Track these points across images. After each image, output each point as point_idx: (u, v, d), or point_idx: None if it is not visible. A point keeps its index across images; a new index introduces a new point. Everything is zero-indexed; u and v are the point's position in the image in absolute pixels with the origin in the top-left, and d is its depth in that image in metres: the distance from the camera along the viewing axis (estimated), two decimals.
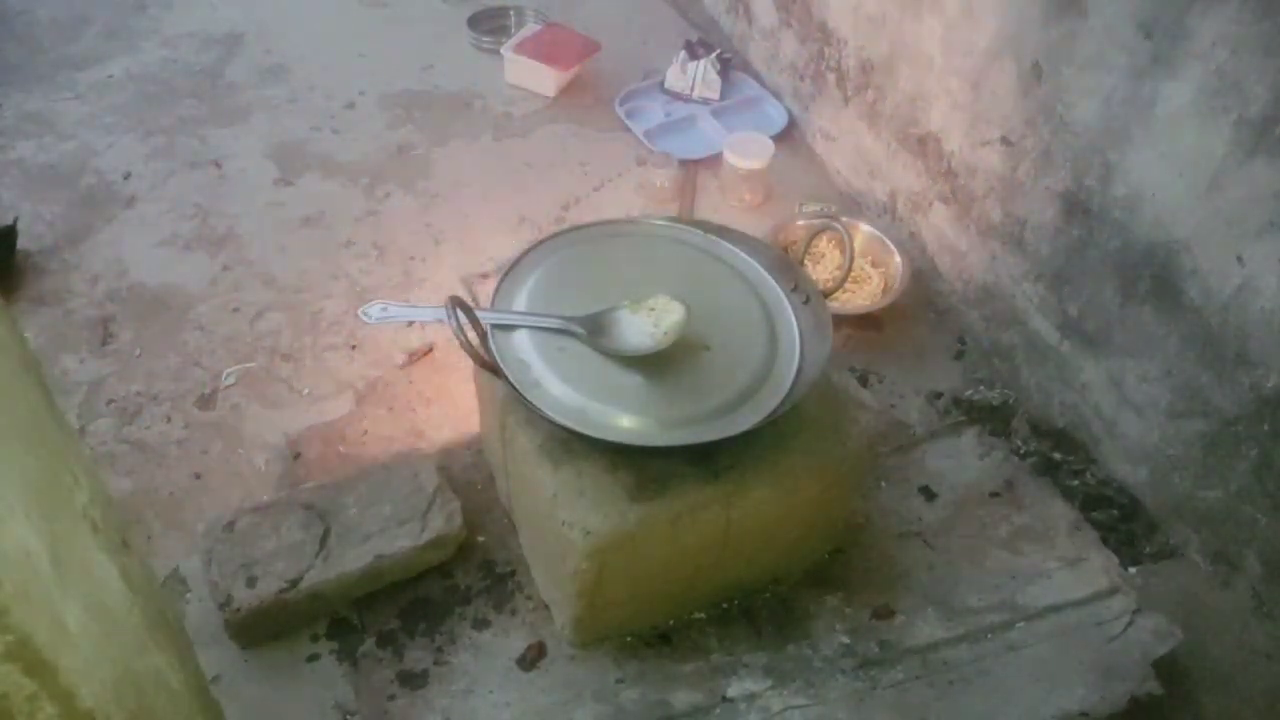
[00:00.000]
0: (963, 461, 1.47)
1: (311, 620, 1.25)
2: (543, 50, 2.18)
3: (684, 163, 1.99)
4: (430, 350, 1.63)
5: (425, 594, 1.29)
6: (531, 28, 2.33)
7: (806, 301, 1.23)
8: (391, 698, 1.19)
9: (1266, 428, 1.21)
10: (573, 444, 1.12)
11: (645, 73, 2.27)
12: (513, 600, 1.29)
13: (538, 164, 2.03)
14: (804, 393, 1.12)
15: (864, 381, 1.61)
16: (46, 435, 0.58)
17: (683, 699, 1.17)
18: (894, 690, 1.18)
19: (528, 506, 1.21)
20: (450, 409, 1.54)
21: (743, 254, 1.27)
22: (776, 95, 2.16)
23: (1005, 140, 1.49)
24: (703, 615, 1.27)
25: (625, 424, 1.07)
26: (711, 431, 1.07)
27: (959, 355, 1.68)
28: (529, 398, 1.08)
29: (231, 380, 1.58)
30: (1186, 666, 1.25)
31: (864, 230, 1.77)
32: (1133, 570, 1.35)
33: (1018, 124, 1.46)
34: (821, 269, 1.74)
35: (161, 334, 1.64)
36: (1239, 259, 1.17)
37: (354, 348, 1.63)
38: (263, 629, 1.22)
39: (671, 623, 1.26)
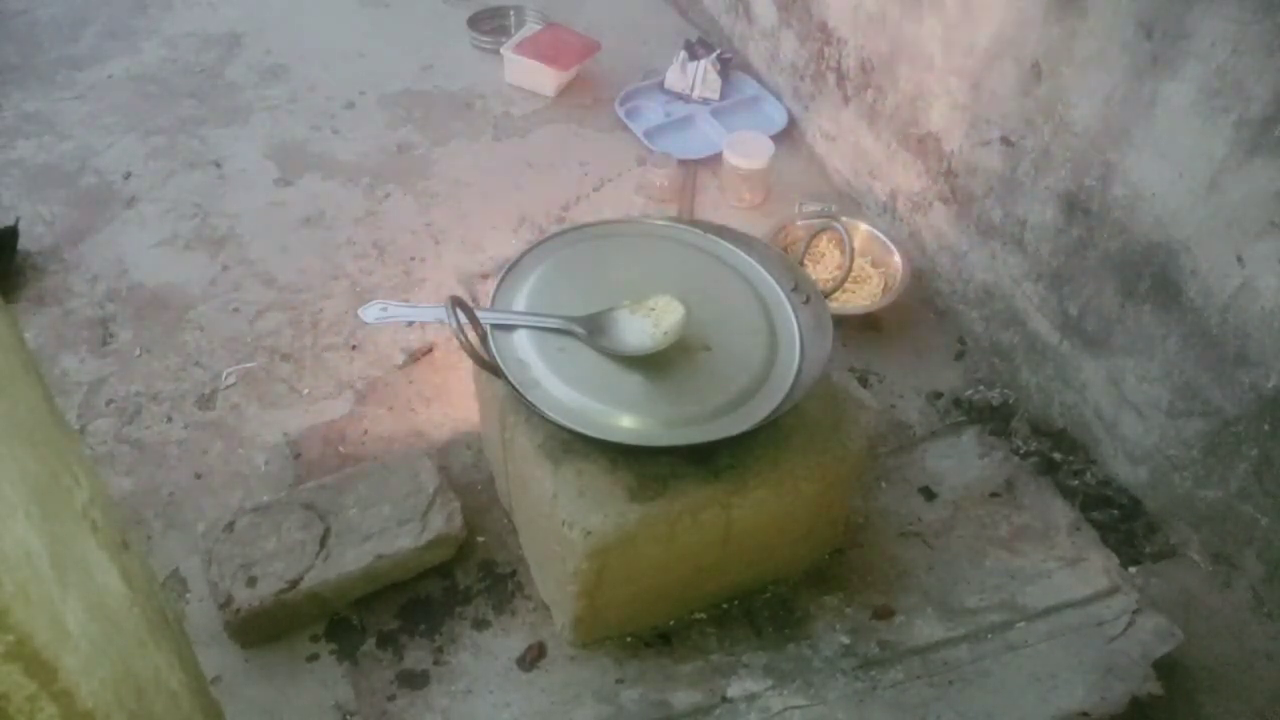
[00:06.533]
0: (963, 461, 1.47)
1: (311, 620, 1.25)
2: (543, 50, 2.18)
3: (684, 163, 1.99)
4: (430, 350, 1.63)
5: (425, 594, 1.29)
6: (531, 28, 2.33)
7: (806, 301, 1.23)
8: (391, 698, 1.19)
9: (1266, 428, 1.21)
10: (573, 444, 1.12)
11: (645, 73, 2.27)
12: (513, 600, 1.29)
13: (538, 164, 2.03)
14: (804, 393, 1.12)
15: (864, 381, 1.61)
16: (46, 435, 0.58)
17: (683, 699, 1.17)
18: (894, 690, 1.18)
19: (528, 506, 1.21)
20: (450, 409, 1.54)
21: (743, 254, 1.27)
22: (776, 95, 2.16)
23: (1005, 140, 1.49)
24: (703, 615, 1.27)
25: (625, 424, 1.07)
26: (711, 431, 1.07)
27: (959, 355, 1.68)
28: (529, 398, 1.08)
29: (231, 380, 1.58)
30: (1186, 666, 1.25)
31: (864, 230, 1.77)
32: (1133, 570, 1.35)
33: (1018, 124, 1.46)
34: (821, 269, 1.74)
35: (161, 334, 1.64)
36: (1239, 259, 1.17)
37: (354, 348, 1.63)
38: (263, 629, 1.22)
39: (671, 623, 1.26)
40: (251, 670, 1.22)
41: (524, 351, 1.12)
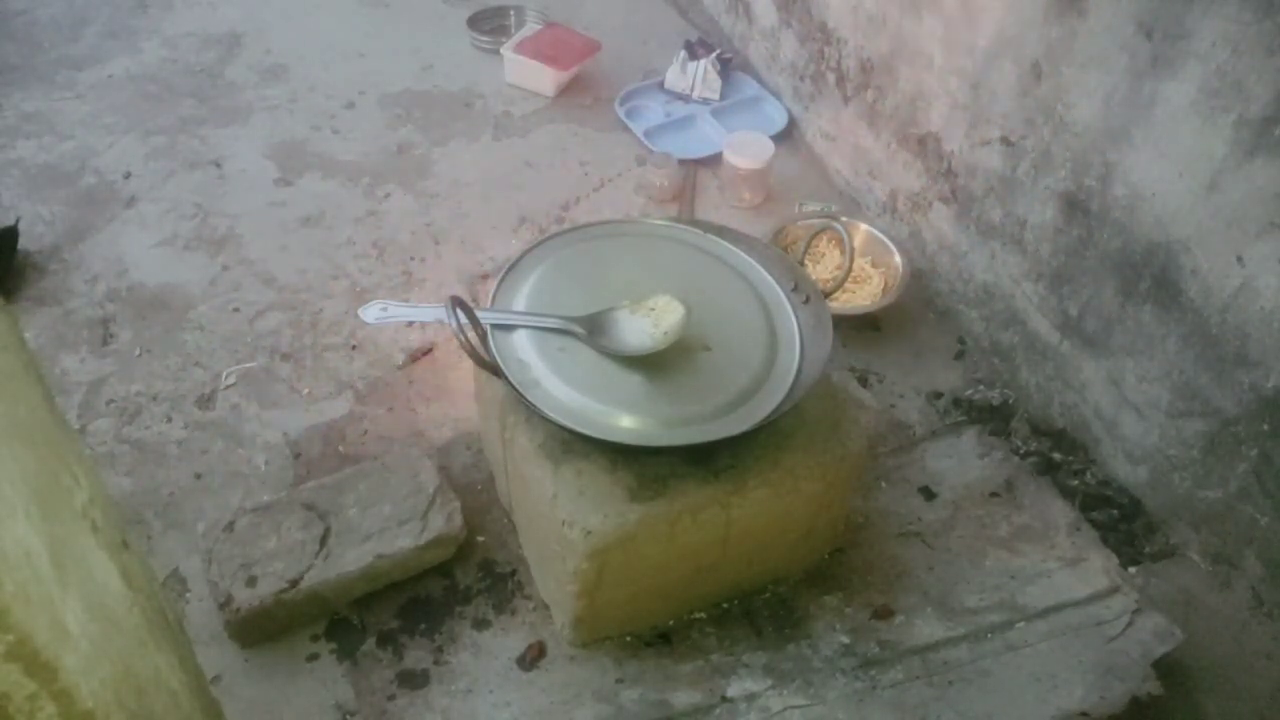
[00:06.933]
0: (963, 461, 1.47)
1: (311, 620, 1.25)
2: (543, 50, 2.18)
3: (684, 163, 1.99)
4: (430, 350, 1.63)
5: (425, 594, 1.29)
6: (531, 28, 2.33)
7: (806, 301, 1.23)
8: (391, 698, 1.19)
9: (1266, 428, 1.21)
10: (573, 444, 1.12)
11: (645, 73, 2.27)
12: (513, 600, 1.29)
13: (538, 164, 2.03)
14: (804, 393, 1.12)
15: (864, 381, 1.61)
16: (46, 435, 0.58)
17: (683, 699, 1.17)
18: (894, 690, 1.18)
19: (528, 506, 1.21)
20: (450, 409, 1.54)
21: (743, 254, 1.27)
22: (776, 95, 2.16)
23: (1005, 140, 1.49)
24: (703, 615, 1.27)
25: (625, 424, 1.07)
26: (711, 431, 1.07)
27: (959, 355, 1.68)
28: (529, 398, 1.08)
29: (231, 380, 1.58)
30: (1186, 666, 1.25)
31: (864, 230, 1.77)
32: (1133, 570, 1.35)
33: (1018, 124, 1.46)
34: (821, 269, 1.74)
35: (161, 334, 1.64)
36: (1239, 259, 1.17)
37: (354, 348, 1.63)
38: (263, 629, 1.22)
39: (671, 623, 1.26)
40: (251, 670, 1.22)
41: (524, 351, 1.12)
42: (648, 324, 1.12)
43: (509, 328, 1.14)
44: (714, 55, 2.18)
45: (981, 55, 1.50)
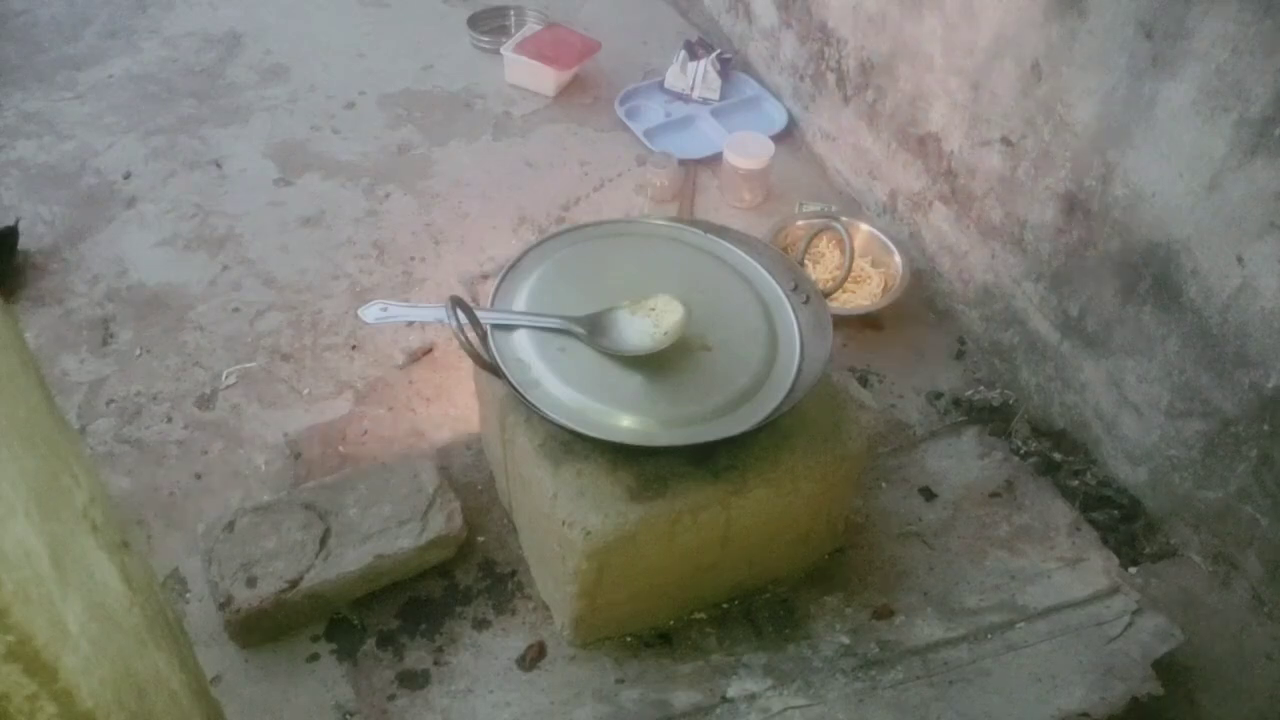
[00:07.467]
0: (963, 461, 1.47)
1: (311, 620, 1.25)
2: (543, 50, 2.18)
3: (684, 163, 1.99)
4: (430, 350, 1.63)
5: (425, 594, 1.29)
6: (531, 28, 2.33)
7: (806, 301, 1.23)
8: (391, 698, 1.19)
9: (1266, 428, 1.21)
10: (573, 444, 1.12)
11: (645, 73, 2.27)
12: (513, 600, 1.29)
13: (538, 164, 2.03)
14: (804, 393, 1.12)
15: (864, 381, 1.61)
16: (46, 435, 0.58)
17: (683, 699, 1.17)
18: (894, 690, 1.18)
19: (528, 506, 1.21)
20: (450, 409, 1.54)
21: (743, 254, 1.27)
22: (776, 95, 2.16)
23: (1005, 140, 1.49)
24: (703, 615, 1.27)
25: (625, 424, 1.07)
26: (711, 431, 1.07)
27: (959, 355, 1.68)
28: (529, 398, 1.08)
29: (231, 380, 1.58)
30: (1186, 666, 1.25)
31: (864, 230, 1.77)
32: (1133, 570, 1.35)
33: (1018, 124, 1.46)
34: (821, 269, 1.74)
35: (161, 334, 1.64)
36: (1239, 259, 1.17)
37: (354, 348, 1.63)
38: (263, 629, 1.22)
39: (671, 623, 1.26)
40: (251, 670, 1.22)
41: (524, 351, 1.12)
42: (648, 324, 1.12)
43: (509, 328, 1.14)
44: (714, 55, 2.18)
45: (981, 55, 1.50)
